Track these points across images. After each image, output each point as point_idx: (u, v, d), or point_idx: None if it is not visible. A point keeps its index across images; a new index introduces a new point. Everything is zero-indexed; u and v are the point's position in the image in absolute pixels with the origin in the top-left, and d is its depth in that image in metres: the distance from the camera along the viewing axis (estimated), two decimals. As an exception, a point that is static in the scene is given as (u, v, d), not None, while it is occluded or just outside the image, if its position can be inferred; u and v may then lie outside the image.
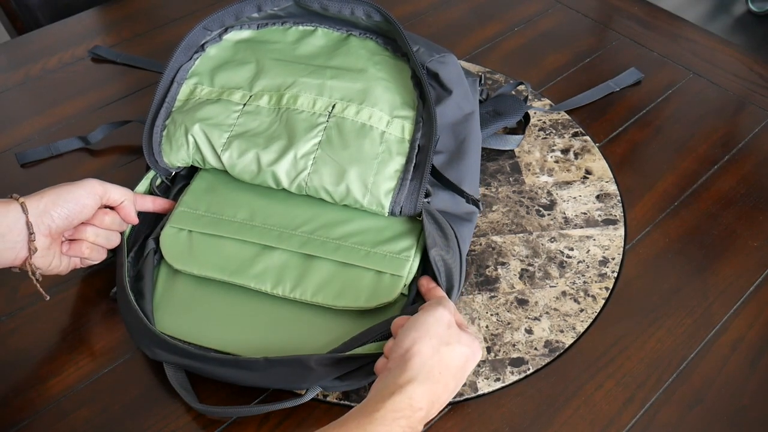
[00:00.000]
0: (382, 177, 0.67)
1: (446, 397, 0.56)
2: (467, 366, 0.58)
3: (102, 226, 0.67)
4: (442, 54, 0.75)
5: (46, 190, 0.63)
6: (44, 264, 0.64)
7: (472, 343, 0.58)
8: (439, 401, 0.55)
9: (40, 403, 0.63)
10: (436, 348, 0.56)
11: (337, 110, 0.71)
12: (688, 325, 0.70)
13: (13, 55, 1.01)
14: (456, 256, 0.65)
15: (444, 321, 0.58)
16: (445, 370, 0.56)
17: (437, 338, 0.56)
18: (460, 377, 0.57)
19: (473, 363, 0.59)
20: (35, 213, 0.61)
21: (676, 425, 0.62)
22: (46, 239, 0.63)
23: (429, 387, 0.54)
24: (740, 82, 0.96)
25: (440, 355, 0.56)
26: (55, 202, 0.62)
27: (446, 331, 0.57)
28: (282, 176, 0.69)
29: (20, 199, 0.61)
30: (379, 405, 0.52)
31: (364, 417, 0.51)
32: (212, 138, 0.71)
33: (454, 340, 0.57)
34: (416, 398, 0.53)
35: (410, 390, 0.53)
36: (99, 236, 0.67)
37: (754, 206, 0.81)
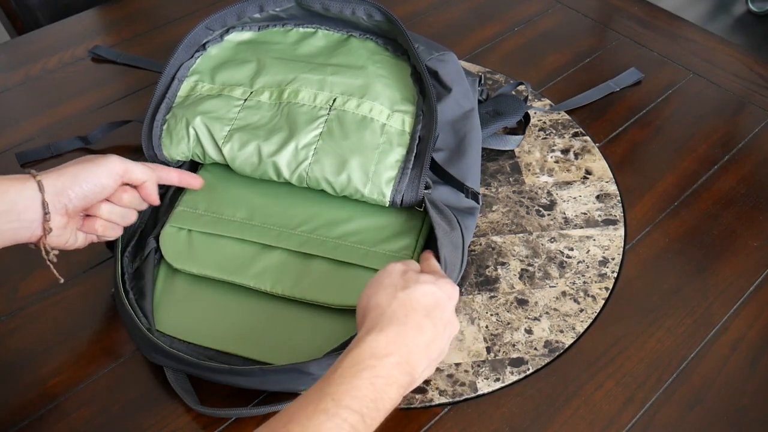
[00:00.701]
0: (383, 166, 0.68)
1: (427, 339, 0.53)
2: (441, 304, 0.55)
3: (119, 204, 0.64)
4: (442, 52, 0.75)
5: (65, 166, 0.60)
6: (60, 242, 0.62)
7: (436, 281, 0.56)
8: (416, 343, 0.52)
9: (40, 403, 0.63)
10: (392, 294, 0.53)
11: (338, 104, 0.71)
12: (688, 325, 0.70)
13: (13, 55, 1.01)
14: (459, 244, 0.65)
15: (396, 271, 0.56)
16: (412, 311, 0.53)
17: (392, 286, 0.54)
18: (437, 316, 0.54)
19: (448, 300, 0.56)
20: (52, 192, 0.58)
21: (676, 425, 0.62)
22: (63, 218, 0.60)
23: (394, 330, 0.51)
24: (740, 82, 0.96)
25: (399, 300, 0.53)
26: (73, 182, 0.59)
27: (400, 278, 0.55)
28: (283, 167, 0.69)
29: (37, 176, 0.58)
30: (337, 365, 0.49)
31: (324, 381, 0.48)
32: (213, 131, 0.71)
33: (412, 283, 0.54)
34: (379, 346, 0.50)
35: (369, 340, 0.50)
36: (114, 214, 0.64)
37: (754, 206, 0.81)
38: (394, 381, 0.50)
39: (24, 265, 0.73)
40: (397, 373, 0.50)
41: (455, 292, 0.57)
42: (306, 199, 0.71)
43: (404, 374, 0.51)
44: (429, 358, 0.53)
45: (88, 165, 0.61)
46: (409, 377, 0.51)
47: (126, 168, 0.63)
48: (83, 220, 0.64)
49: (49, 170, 0.60)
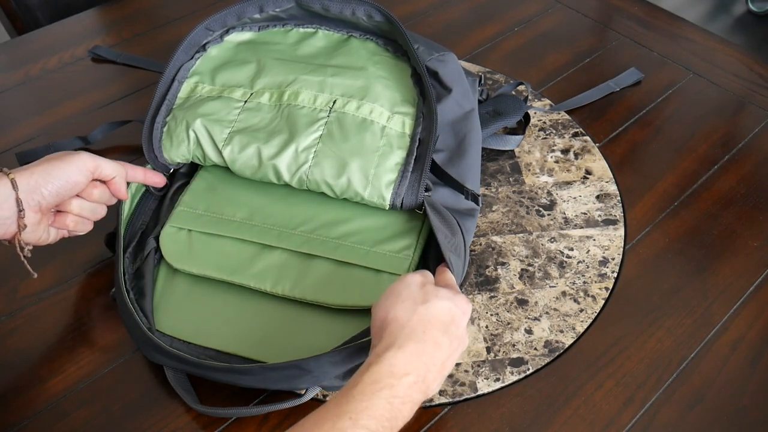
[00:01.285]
0: (383, 169, 0.68)
1: (443, 356, 0.53)
2: (457, 320, 0.54)
3: (89, 199, 0.66)
4: (442, 53, 0.75)
5: (36, 164, 0.62)
6: (34, 238, 0.63)
7: (453, 296, 0.55)
8: (434, 362, 0.52)
9: (40, 403, 0.63)
10: (411, 309, 0.53)
11: (338, 106, 0.71)
12: (688, 325, 0.70)
13: (13, 55, 1.01)
14: (461, 246, 0.65)
15: (415, 283, 0.55)
16: (430, 328, 0.52)
17: (411, 300, 0.53)
18: (453, 333, 0.54)
19: (462, 317, 0.55)
20: (25, 189, 0.60)
21: (676, 425, 0.62)
22: (36, 215, 0.62)
23: (413, 348, 0.51)
24: (740, 82, 0.96)
25: (418, 314, 0.52)
26: (46, 179, 0.61)
27: (419, 290, 0.54)
28: (283, 170, 0.69)
29: (10, 173, 0.60)
30: (357, 380, 0.49)
31: (343, 397, 0.48)
32: (213, 133, 0.71)
33: (431, 297, 0.54)
34: (398, 364, 0.50)
35: (389, 357, 0.50)
36: (84, 209, 0.66)
37: (754, 206, 0.81)
38: (410, 400, 0.50)
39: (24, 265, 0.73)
40: (413, 392, 0.50)
41: (469, 308, 0.57)
42: (306, 200, 0.71)
43: (419, 393, 0.51)
44: (443, 374, 0.54)
45: (59, 162, 0.62)
46: (423, 395, 0.51)
47: (96, 164, 0.64)
48: (54, 216, 0.65)
49: (21, 168, 0.61)
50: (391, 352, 0.50)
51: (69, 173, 0.62)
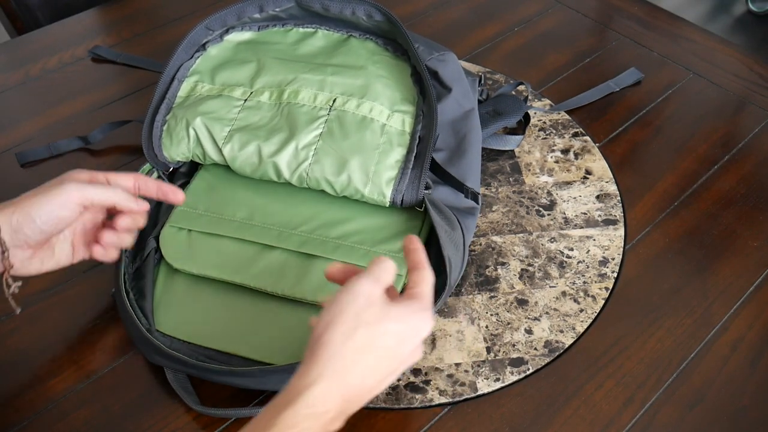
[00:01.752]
0: (384, 166, 0.68)
1: (373, 383, 0.49)
2: (405, 342, 0.49)
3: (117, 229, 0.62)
4: (442, 52, 0.76)
5: (19, 200, 0.57)
6: (31, 270, 0.60)
7: (408, 316, 0.49)
8: (360, 393, 0.48)
9: (40, 403, 0.63)
10: (348, 333, 0.47)
11: (338, 104, 0.71)
12: (688, 325, 0.70)
13: (13, 55, 1.01)
14: (460, 242, 0.65)
15: (362, 296, 0.49)
16: (365, 356, 0.47)
17: (352, 320, 0.48)
18: (396, 355, 0.49)
19: (413, 338, 0.50)
20: (8, 230, 0.56)
21: (676, 425, 0.62)
22: (26, 251, 0.59)
23: (338, 382, 0.47)
24: (740, 82, 0.96)
25: (354, 341, 0.47)
26: (26, 219, 0.56)
27: (366, 309, 0.48)
28: (283, 167, 0.69)
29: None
30: (272, 419, 0.45)
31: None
32: (213, 131, 0.71)
33: (377, 319, 0.48)
34: (319, 403, 0.46)
35: (309, 396, 0.46)
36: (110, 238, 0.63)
37: (754, 206, 0.81)
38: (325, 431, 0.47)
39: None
40: (330, 427, 0.47)
41: (427, 326, 0.51)
42: (306, 199, 0.71)
43: (337, 423, 0.47)
44: (369, 398, 0.50)
45: (40, 199, 0.57)
46: (341, 423, 0.48)
47: (83, 195, 0.58)
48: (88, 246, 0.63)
49: (5, 204, 0.57)
50: (316, 388, 0.46)
51: (51, 210, 0.57)
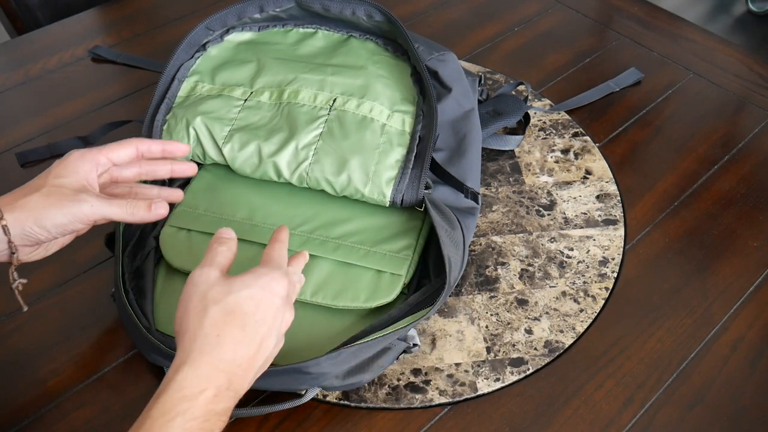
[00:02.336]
0: (384, 166, 0.68)
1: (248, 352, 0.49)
2: (263, 304, 0.50)
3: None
4: (442, 52, 0.76)
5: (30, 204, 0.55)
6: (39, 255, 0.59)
7: (255, 280, 0.51)
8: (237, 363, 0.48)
9: (40, 403, 0.63)
10: (201, 314, 0.48)
11: (338, 104, 0.71)
12: (688, 325, 0.70)
13: (13, 55, 1.01)
14: (460, 241, 0.65)
15: (202, 282, 0.51)
16: (226, 328, 0.48)
17: (200, 302, 0.49)
18: (260, 320, 0.50)
19: (271, 297, 0.51)
20: (18, 233, 0.55)
21: (676, 425, 0.62)
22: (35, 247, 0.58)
23: (207, 360, 0.47)
24: (740, 82, 0.96)
25: (210, 318, 0.48)
26: (38, 226, 0.55)
27: (210, 290, 0.50)
28: (283, 167, 0.69)
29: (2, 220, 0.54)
30: (146, 415, 0.45)
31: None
32: (214, 131, 0.71)
33: (223, 293, 0.50)
34: (190, 385, 0.46)
35: (178, 380, 0.46)
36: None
37: (754, 206, 0.81)
38: (214, 414, 0.46)
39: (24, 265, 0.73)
40: (216, 405, 0.46)
41: (280, 284, 0.52)
42: (306, 199, 0.71)
43: (227, 400, 0.47)
44: (254, 368, 0.50)
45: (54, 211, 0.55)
46: (233, 400, 0.48)
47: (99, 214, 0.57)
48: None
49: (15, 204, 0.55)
50: (181, 374, 0.46)
51: (64, 223, 0.56)
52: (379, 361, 0.61)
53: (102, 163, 0.60)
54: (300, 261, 0.60)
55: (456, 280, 0.65)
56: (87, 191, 0.57)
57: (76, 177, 0.58)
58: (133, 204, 0.59)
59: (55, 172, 0.58)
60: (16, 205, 0.55)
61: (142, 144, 0.63)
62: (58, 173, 0.57)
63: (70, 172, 0.58)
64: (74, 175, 0.58)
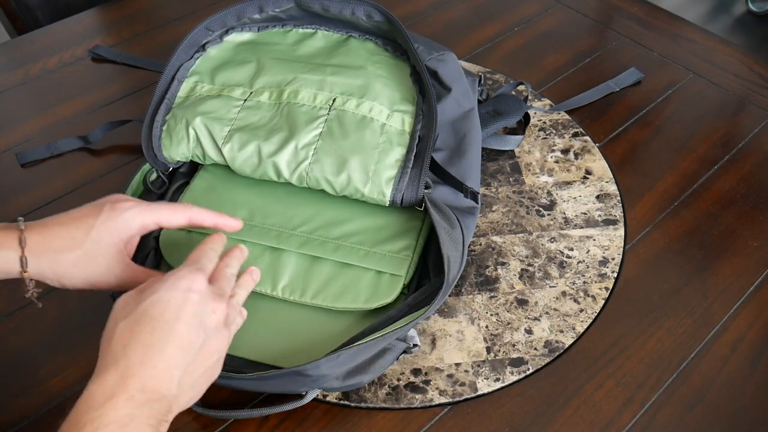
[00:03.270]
0: (383, 165, 0.68)
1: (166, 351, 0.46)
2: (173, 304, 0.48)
3: None
4: (441, 52, 0.76)
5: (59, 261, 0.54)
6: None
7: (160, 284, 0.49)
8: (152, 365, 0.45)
9: (40, 403, 0.63)
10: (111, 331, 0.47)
11: (338, 104, 0.71)
12: (688, 325, 0.70)
13: (13, 55, 1.01)
14: (459, 241, 0.65)
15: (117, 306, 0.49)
16: (133, 336, 0.46)
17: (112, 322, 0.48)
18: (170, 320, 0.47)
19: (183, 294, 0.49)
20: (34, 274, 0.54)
21: (676, 425, 0.62)
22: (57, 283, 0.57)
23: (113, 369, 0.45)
24: (740, 82, 0.96)
25: (118, 333, 0.47)
26: (56, 280, 0.55)
27: (120, 310, 0.49)
28: (283, 167, 0.69)
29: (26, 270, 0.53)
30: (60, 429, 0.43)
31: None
32: (213, 131, 0.71)
33: (132, 306, 0.48)
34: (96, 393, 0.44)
35: (85, 395, 0.44)
36: None
37: (754, 206, 0.81)
38: (136, 418, 0.44)
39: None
40: (135, 410, 0.44)
41: (192, 279, 0.50)
42: (306, 200, 0.71)
43: (152, 402, 0.45)
44: (183, 366, 0.47)
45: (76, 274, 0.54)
46: (163, 402, 0.45)
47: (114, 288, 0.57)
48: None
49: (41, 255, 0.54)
50: (87, 389, 0.44)
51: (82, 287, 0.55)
52: (379, 361, 0.61)
53: (149, 228, 0.59)
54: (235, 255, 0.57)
55: (455, 279, 0.65)
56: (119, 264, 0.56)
57: (117, 241, 0.56)
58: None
59: (98, 232, 0.55)
60: (43, 257, 0.54)
61: (196, 215, 0.61)
62: (101, 235, 0.55)
63: (113, 235, 0.55)
64: (116, 238, 0.56)
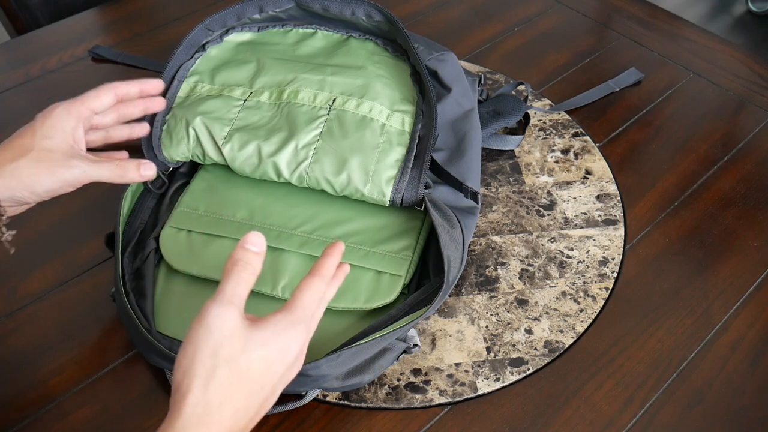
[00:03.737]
0: (383, 165, 0.68)
1: (248, 415, 0.46)
2: (275, 366, 0.47)
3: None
4: (441, 52, 0.76)
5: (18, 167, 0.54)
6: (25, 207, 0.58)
7: (274, 339, 0.46)
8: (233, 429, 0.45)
9: (40, 403, 0.63)
10: (208, 376, 0.44)
11: (338, 104, 0.71)
12: (688, 325, 0.70)
13: (13, 55, 1.01)
14: (459, 241, 0.65)
15: (217, 330, 0.45)
16: (231, 395, 0.44)
17: (210, 359, 0.44)
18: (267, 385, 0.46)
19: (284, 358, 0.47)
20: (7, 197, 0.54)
21: (676, 425, 0.62)
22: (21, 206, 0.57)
23: (205, 430, 0.44)
24: (740, 82, 0.96)
25: (216, 381, 0.44)
26: (28, 191, 0.54)
27: (223, 344, 0.44)
28: (283, 167, 0.69)
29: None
30: None
31: None
32: (213, 131, 0.71)
33: (238, 351, 0.45)
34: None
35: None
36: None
37: (754, 206, 0.81)
38: None
39: (24, 265, 0.73)
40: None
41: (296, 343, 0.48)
42: (306, 200, 0.71)
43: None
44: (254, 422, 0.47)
45: (44, 176, 0.54)
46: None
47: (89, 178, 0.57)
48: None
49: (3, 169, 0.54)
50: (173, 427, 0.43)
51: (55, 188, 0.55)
52: (379, 361, 0.61)
53: (86, 116, 0.59)
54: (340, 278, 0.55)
55: (455, 279, 0.65)
56: (77, 155, 0.56)
57: (64, 136, 0.56)
58: (123, 166, 0.59)
59: (42, 132, 0.56)
60: (5, 170, 0.54)
61: (120, 88, 0.62)
62: (45, 133, 0.56)
63: (56, 131, 0.56)
64: (61, 134, 0.56)
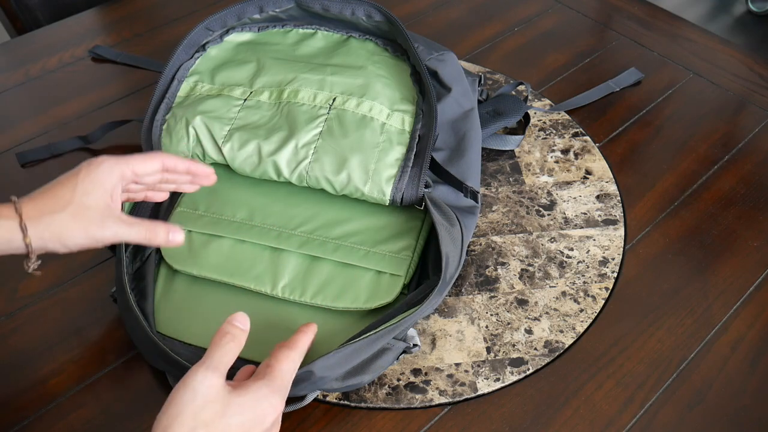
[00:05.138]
0: (383, 164, 0.68)
1: None
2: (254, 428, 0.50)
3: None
4: (441, 52, 0.76)
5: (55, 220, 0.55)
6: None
7: (252, 405, 0.50)
8: None
9: (40, 403, 0.63)
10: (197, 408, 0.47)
11: (338, 103, 0.71)
12: (688, 325, 0.70)
13: (13, 55, 1.01)
14: (458, 239, 0.65)
15: (200, 394, 0.48)
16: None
17: (190, 421, 0.47)
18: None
19: (261, 424, 0.51)
20: (38, 247, 0.55)
21: (676, 425, 0.62)
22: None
23: None
24: (740, 82, 0.96)
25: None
26: (57, 242, 0.55)
27: (204, 408, 0.48)
28: (283, 166, 0.69)
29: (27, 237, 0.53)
30: None
31: None
32: (213, 130, 0.71)
33: (217, 415, 0.48)
34: None
35: None
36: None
37: (754, 206, 0.81)
38: None
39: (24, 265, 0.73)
40: None
41: (274, 411, 0.51)
42: (306, 199, 0.71)
43: None
44: None
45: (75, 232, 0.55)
46: None
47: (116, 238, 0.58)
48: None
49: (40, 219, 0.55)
50: None
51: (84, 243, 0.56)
52: (378, 361, 0.61)
53: (128, 178, 0.60)
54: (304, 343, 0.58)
55: (453, 276, 0.65)
56: (111, 215, 0.57)
57: (103, 193, 0.57)
58: (153, 230, 0.59)
59: (83, 186, 0.57)
60: (41, 221, 0.55)
61: (169, 160, 0.62)
62: (86, 189, 0.57)
63: (97, 187, 0.57)
64: (101, 191, 0.57)
